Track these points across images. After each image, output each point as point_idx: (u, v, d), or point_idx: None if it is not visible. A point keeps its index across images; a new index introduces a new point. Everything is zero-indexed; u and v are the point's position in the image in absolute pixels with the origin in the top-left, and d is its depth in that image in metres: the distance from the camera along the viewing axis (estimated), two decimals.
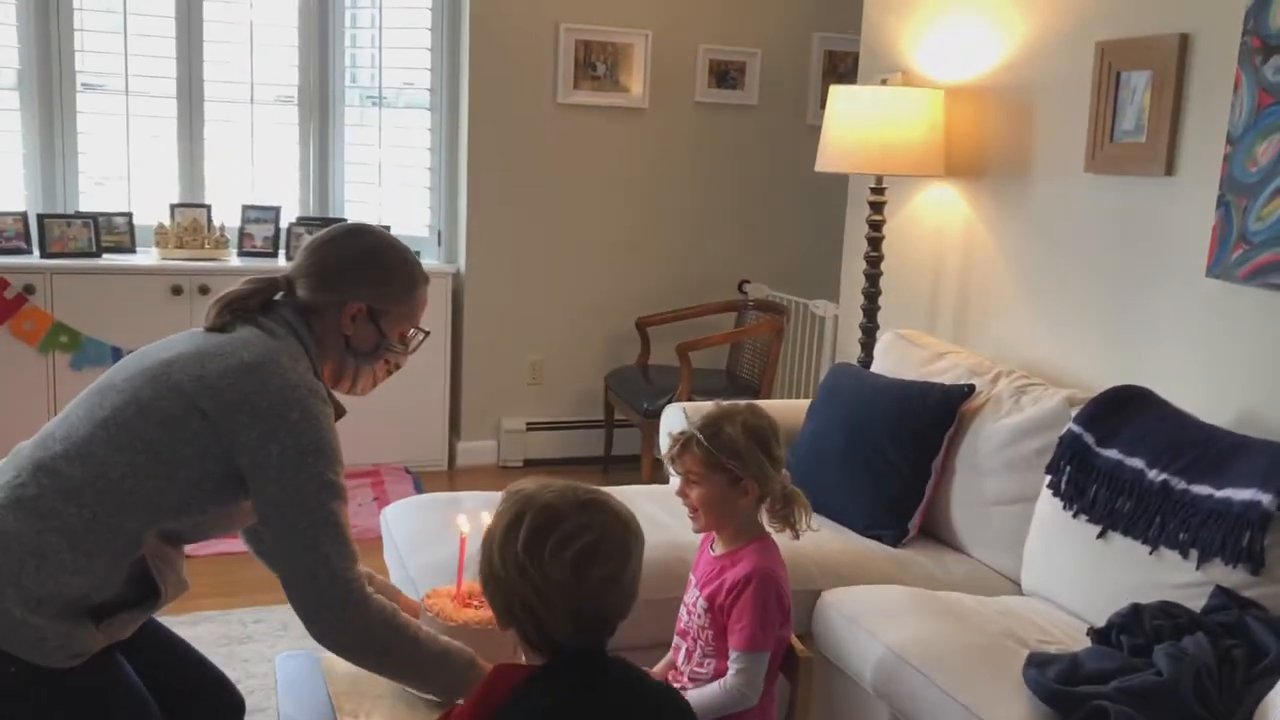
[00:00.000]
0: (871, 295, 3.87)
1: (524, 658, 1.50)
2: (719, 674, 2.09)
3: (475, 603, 2.01)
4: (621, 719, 1.42)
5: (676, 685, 2.17)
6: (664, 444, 3.47)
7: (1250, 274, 2.70)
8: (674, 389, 4.54)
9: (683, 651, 2.18)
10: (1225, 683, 2.07)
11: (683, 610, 2.22)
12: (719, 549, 2.16)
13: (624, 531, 1.42)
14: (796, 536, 2.14)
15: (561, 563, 1.36)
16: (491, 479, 4.99)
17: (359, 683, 2.01)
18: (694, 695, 2.09)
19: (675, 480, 2.23)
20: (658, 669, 2.24)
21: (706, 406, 3.55)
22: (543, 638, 1.40)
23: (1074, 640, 2.44)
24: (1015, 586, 2.86)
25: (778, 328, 4.69)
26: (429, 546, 2.70)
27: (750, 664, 2.03)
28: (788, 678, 2.13)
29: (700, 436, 2.08)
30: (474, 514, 2.15)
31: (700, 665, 2.13)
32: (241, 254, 4.89)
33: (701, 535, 2.22)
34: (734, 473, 2.06)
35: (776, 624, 2.05)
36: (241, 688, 3.00)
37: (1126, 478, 2.56)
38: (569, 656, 1.42)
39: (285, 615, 3.47)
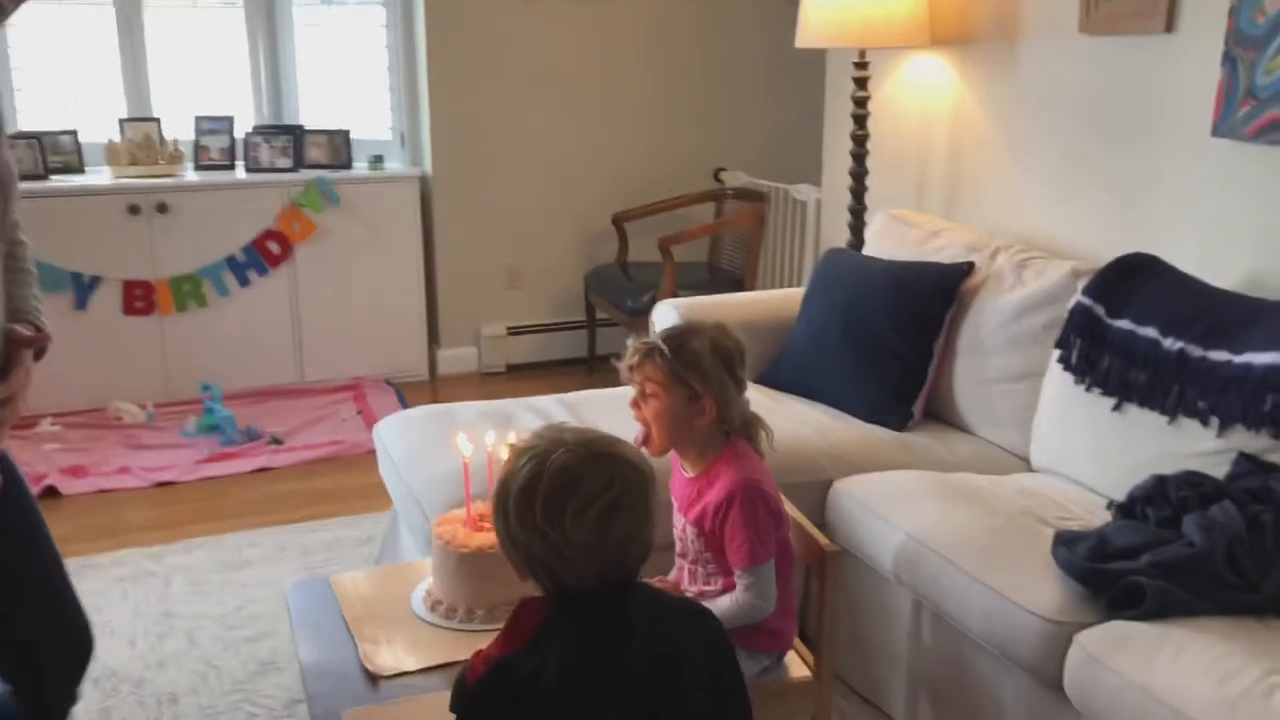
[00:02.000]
0: (858, 176, 3.75)
1: None
2: (729, 588, 2.04)
3: (487, 525, 1.93)
4: (653, 630, 1.38)
5: None
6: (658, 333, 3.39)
7: (1258, 131, 2.61)
8: (656, 285, 4.43)
9: (686, 573, 2.13)
10: (1255, 549, 2.04)
11: (675, 534, 2.15)
12: (690, 470, 2.08)
13: (643, 484, 1.38)
14: (761, 459, 2.07)
15: (584, 526, 1.32)
16: (474, 386, 4.90)
17: (374, 606, 1.95)
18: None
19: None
20: (669, 582, 2.18)
21: (695, 302, 3.48)
22: (565, 591, 1.37)
23: (1094, 516, 2.40)
24: (1024, 464, 2.82)
25: (759, 216, 4.57)
26: (428, 463, 2.61)
27: (756, 577, 1.98)
28: (814, 574, 2.08)
29: (664, 348, 1.99)
30: (475, 434, 2.06)
31: (707, 584, 2.08)
32: (199, 168, 4.69)
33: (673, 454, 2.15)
34: (694, 389, 1.97)
35: (771, 529, 2.00)
36: (244, 614, 2.98)
37: (1140, 348, 2.50)
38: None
39: (280, 537, 3.42)
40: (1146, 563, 2.01)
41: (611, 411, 2.94)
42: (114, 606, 3.00)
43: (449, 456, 2.58)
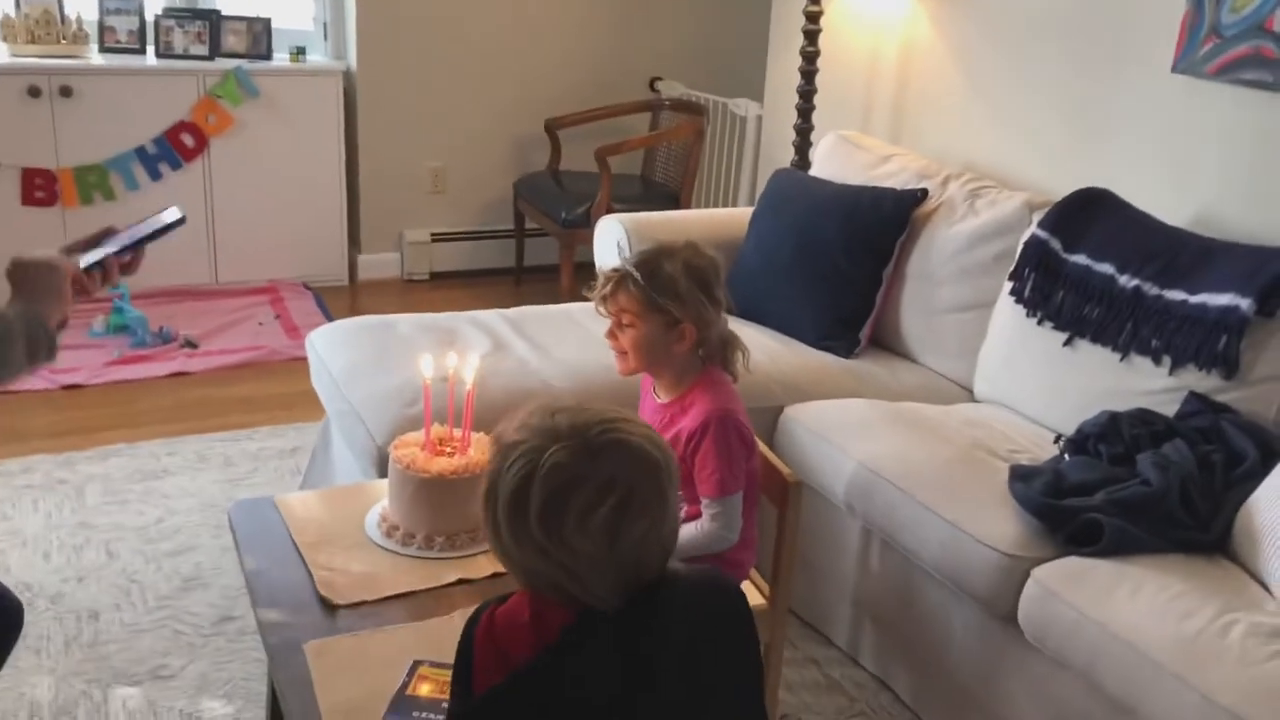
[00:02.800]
0: (807, 94, 3.67)
1: None
2: (691, 517, 2.01)
3: (448, 449, 1.85)
4: (684, 638, 1.20)
5: None
6: (599, 256, 3.30)
7: (1220, 69, 2.61)
8: (590, 196, 4.31)
9: None
10: (1205, 488, 2.07)
11: None
12: (664, 396, 2.03)
13: (655, 474, 1.16)
14: (735, 380, 2.03)
15: (588, 534, 1.11)
16: (396, 293, 4.76)
17: (326, 530, 1.86)
18: None
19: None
20: None
21: (640, 218, 3.39)
22: (575, 603, 1.16)
23: (1041, 449, 2.42)
24: (967, 394, 2.83)
25: (698, 129, 4.46)
26: (370, 379, 2.50)
27: (724, 507, 1.95)
28: (774, 504, 2.05)
29: (637, 275, 1.92)
30: (438, 355, 1.96)
31: None
32: (104, 50, 4.37)
33: (641, 378, 2.09)
34: (671, 315, 1.91)
35: (743, 460, 1.97)
36: (165, 526, 2.86)
37: (1096, 284, 2.50)
38: None
39: (200, 446, 3.29)
40: (1103, 500, 2.03)
41: (556, 329, 2.87)
42: (25, 516, 2.84)
43: (392, 372, 2.49)
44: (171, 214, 1.70)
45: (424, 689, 1.50)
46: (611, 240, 3.20)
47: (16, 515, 2.85)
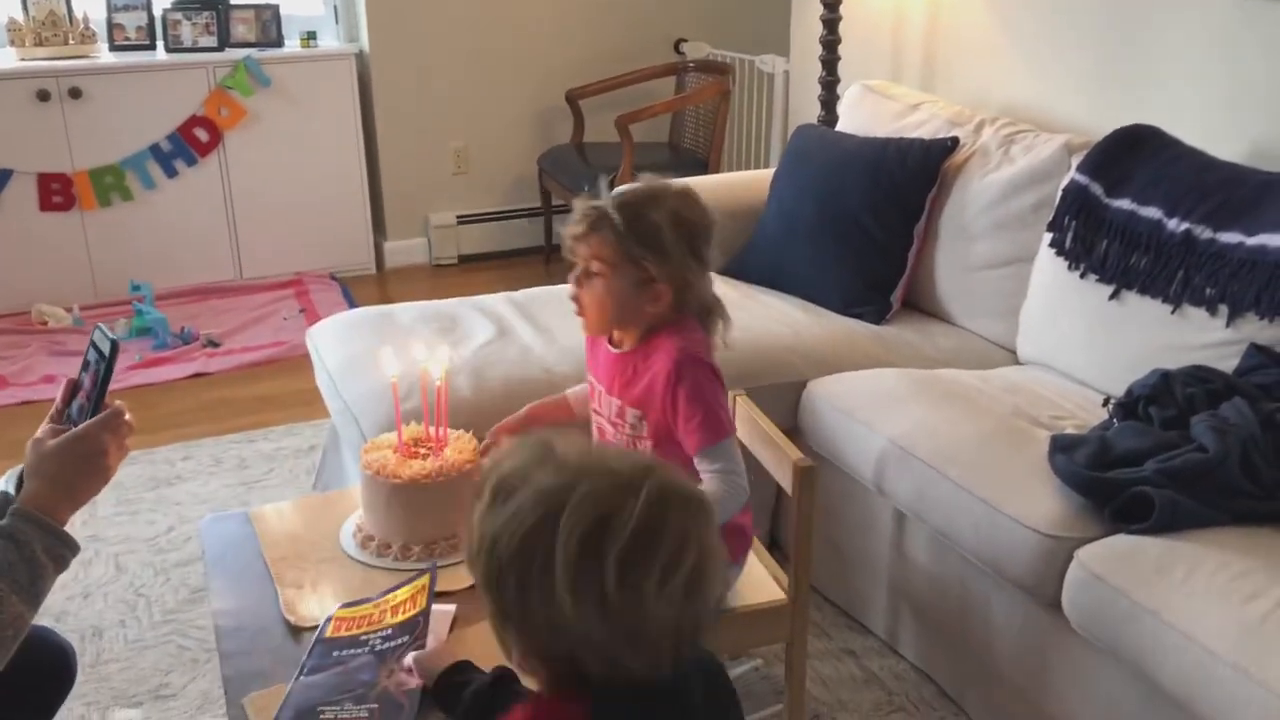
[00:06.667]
0: (830, 44, 3.46)
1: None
2: None
3: (422, 451, 1.71)
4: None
5: None
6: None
7: None
8: (615, 167, 4.15)
9: None
10: (1270, 451, 1.86)
11: (601, 424, 1.86)
12: (627, 344, 1.79)
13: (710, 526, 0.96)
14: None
15: (672, 591, 0.91)
16: (425, 279, 4.64)
17: (299, 544, 1.73)
18: None
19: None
20: None
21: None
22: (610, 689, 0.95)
23: (1089, 413, 2.22)
24: (1011, 356, 2.63)
25: (723, 90, 4.26)
26: (365, 374, 2.36)
27: (722, 453, 1.71)
28: (788, 490, 1.88)
29: (616, 217, 1.67)
30: (402, 346, 1.82)
31: None
32: (114, 48, 4.30)
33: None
34: (647, 271, 1.68)
35: (724, 397, 1.75)
36: (175, 535, 2.78)
37: (1142, 230, 2.28)
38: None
39: (215, 449, 3.20)
40: (1153, 470, 1.83)
41: (564, 311, 2.69)
42: None
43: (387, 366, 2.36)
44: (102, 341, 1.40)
45: (341, 630, 1.42)
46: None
47: None
